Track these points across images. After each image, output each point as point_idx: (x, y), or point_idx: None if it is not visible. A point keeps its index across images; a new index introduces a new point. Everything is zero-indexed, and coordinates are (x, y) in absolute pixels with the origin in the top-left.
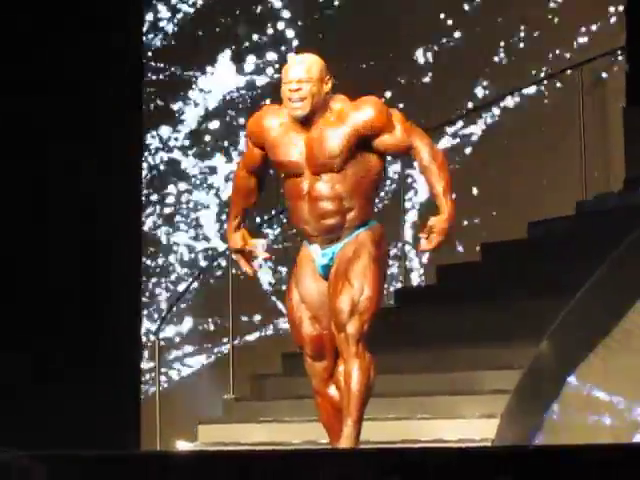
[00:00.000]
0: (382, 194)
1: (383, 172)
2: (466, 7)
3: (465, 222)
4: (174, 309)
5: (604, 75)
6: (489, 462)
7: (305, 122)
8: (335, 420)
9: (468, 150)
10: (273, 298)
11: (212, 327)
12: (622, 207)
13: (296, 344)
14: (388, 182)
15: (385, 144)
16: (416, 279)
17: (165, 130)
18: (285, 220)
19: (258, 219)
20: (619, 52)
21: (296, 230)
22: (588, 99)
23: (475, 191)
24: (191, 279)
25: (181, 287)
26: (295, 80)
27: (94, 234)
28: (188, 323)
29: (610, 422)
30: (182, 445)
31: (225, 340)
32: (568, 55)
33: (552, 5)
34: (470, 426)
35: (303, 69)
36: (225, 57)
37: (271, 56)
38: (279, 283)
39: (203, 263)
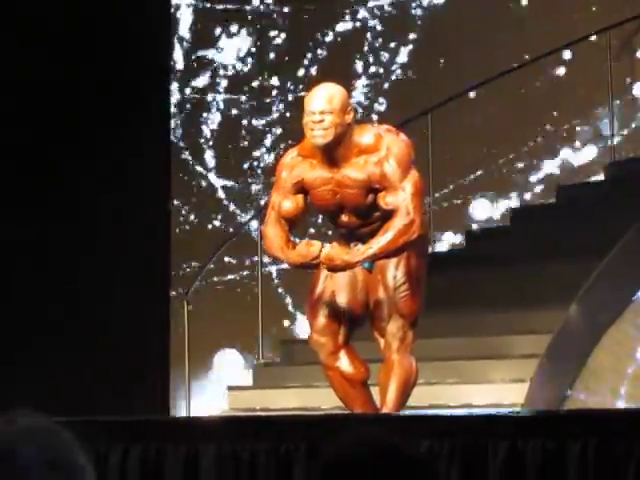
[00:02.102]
0: None
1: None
2: None
3: (494, 186)
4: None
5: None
6: (519, 427)
7: (330, 156)
8: (350, 389)
9: (494, 112)
10: None
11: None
12: None
13: (307, 316)
14: None
15: (380, 197)
16: (445, 244)
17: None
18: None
19: None
20: None
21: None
22: (617, 62)
23: (504, 155)
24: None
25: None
26: (317, 111)
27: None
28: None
29: (638, 386)
30: (211, 411)
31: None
32: (596, 18)
33: None
34: (499, 391)
35: (325, 100)
36: None
37: None
38: None
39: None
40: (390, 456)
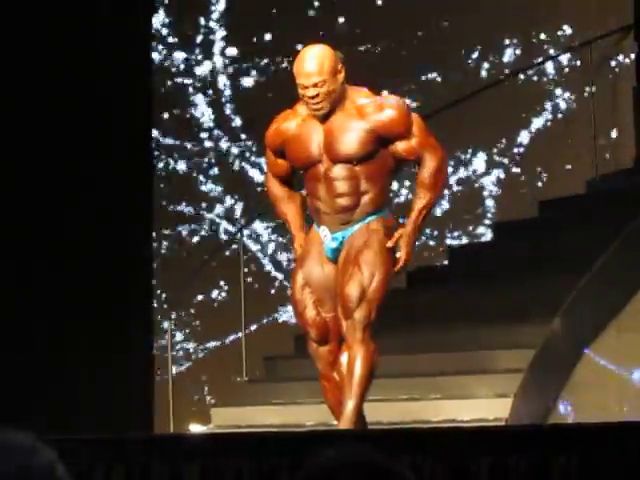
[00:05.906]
0: None
1: (400, 164)
2: None
3: (476, 201)
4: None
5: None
6: (503, 442)
7: (325, 116)
8: (342, 401)
9: (478, 129)
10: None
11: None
12: (632, 186)
13: (300, 327)
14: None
15: (397, 149)
16: (427, 259)
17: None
18: None
19: None
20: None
21: (309, 211)
22: (598, 78)
23: (485, 171)
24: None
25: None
26: (310, 85)
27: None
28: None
29: (622, 400)
30: (195, 428)
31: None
32: (578, 34)
33: None
34: (483, 406)
35: (315, 70)
36: None
37: None
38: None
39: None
40: (372, 472)
